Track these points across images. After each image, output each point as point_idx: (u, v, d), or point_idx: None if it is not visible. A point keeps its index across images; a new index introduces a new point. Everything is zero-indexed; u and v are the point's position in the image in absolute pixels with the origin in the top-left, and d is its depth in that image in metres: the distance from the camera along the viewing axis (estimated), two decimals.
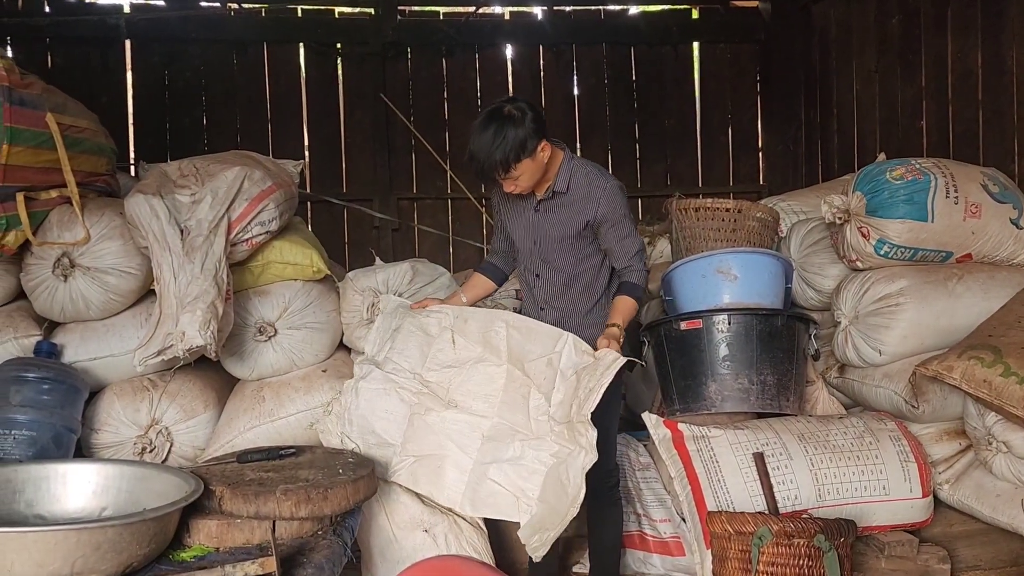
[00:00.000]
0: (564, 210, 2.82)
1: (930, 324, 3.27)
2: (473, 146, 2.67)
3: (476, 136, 2.67)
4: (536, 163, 2.70)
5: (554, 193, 2.82)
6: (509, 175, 2.67)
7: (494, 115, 2.67)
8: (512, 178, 2.69)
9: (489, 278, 3.13)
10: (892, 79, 5.30)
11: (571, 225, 2.82)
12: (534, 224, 2.88)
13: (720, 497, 2.89)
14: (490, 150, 2.62)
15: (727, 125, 6.60)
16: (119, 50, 5.92)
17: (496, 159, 2.63)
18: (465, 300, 3.07)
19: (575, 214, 2.81)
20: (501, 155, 2.62)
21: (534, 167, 2.71)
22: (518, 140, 2.62)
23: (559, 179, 2.80)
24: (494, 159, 2.63)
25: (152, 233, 2.90)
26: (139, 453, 3.02)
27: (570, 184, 2.80)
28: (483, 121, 2.68)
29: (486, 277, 3.13)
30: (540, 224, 2.87)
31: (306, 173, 6.06)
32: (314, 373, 3.23)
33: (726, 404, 3.13)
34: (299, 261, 3.23)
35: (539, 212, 2.87)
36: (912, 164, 3.38)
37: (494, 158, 2.63)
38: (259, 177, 3.12)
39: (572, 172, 2.81)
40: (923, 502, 2.98)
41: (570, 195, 2.81)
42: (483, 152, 2.64)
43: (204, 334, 2.70)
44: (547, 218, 2.85)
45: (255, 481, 2.36)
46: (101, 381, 3.13)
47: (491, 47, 6.34)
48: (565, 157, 2.83)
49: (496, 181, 2.72)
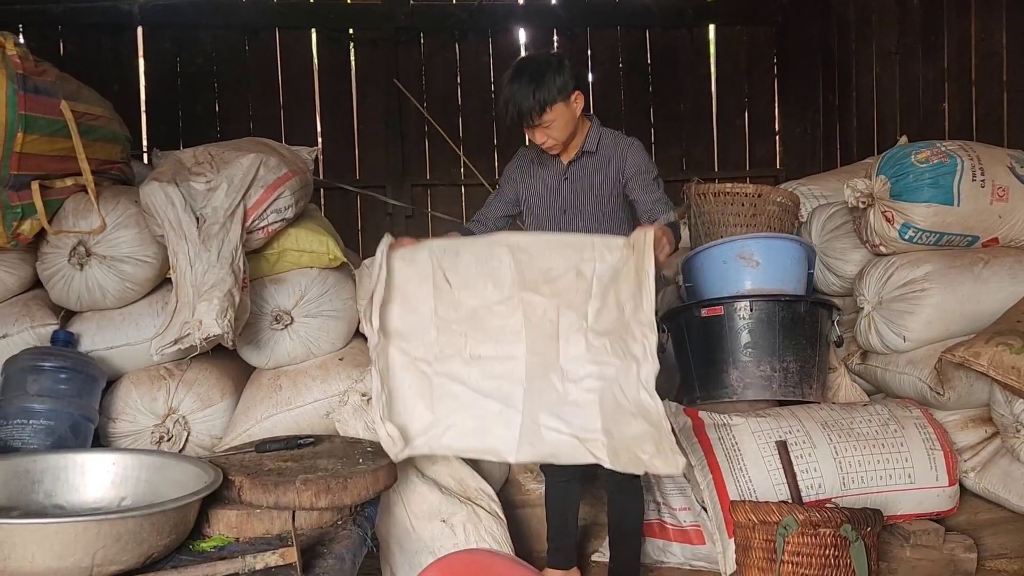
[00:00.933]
0: (596, 170, 2.81)
1: (955, 309, 3.22)
2: (508, 91, 2.64)
3: (509, 83, 2.65)
4: (570, 111, 2.69)
5: (583, 153, 2.81)
6: (543, 120, 2.65)
7: (528, 62, 2.68)
8: (545, 124, 2.66)
9: None
10: (913, 61, 5.21)
11: (605, 184, 2.80)
12: (564, 191, 2.85)
13: (742, 486, 2.86)
14: (527, 91, 2.60)
15: (743, 109, 6.51)
16: (131, 37, 5.90)
17: (533, 100, 2.61)
18: None
19: (607, 171, 2.80)
20: (540, 95, 2.60)
21: (568, 115, 2.69)
22: (555, 82, 2.62)
23: (588, 140, 2.81)
24: (530, 100, 2.60)
25: (168, 221, 2.87)
26: (157, 442, 3.00)
27: (598, 144, 2.81)
28: (516, 69, 2.67)
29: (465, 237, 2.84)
30: (572, 190, 2.84)
31: (319, 160, 6.02)
32: (331, 361, 3.20)
33: (748, 392, 3.09)
34: (315, 249, 3.19)
35: (568, 178, 2.84)
36: (937, 146, 3.31)
37: (530, 99, 2.60)
38: (275, 164, 3.08)
39: (600, 135, 2.83)
40: (949, 490, 2.94)
41: (599, 155, 2.81)
42: (519, 94, 2.61)
43: (221, 323, 2.67)
44: (579, 182, 2.83)
45: (274, 471, 2.34)
46: (118, 370, 3.11)
47: (504, 31, 6.27)
48: (593, 124, 2.85)
49: (529, 128, 2.68)
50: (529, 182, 2.93)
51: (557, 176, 2.86)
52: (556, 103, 2.64)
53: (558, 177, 2.86)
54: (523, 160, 2.98)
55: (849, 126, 5.98)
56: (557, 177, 2.86)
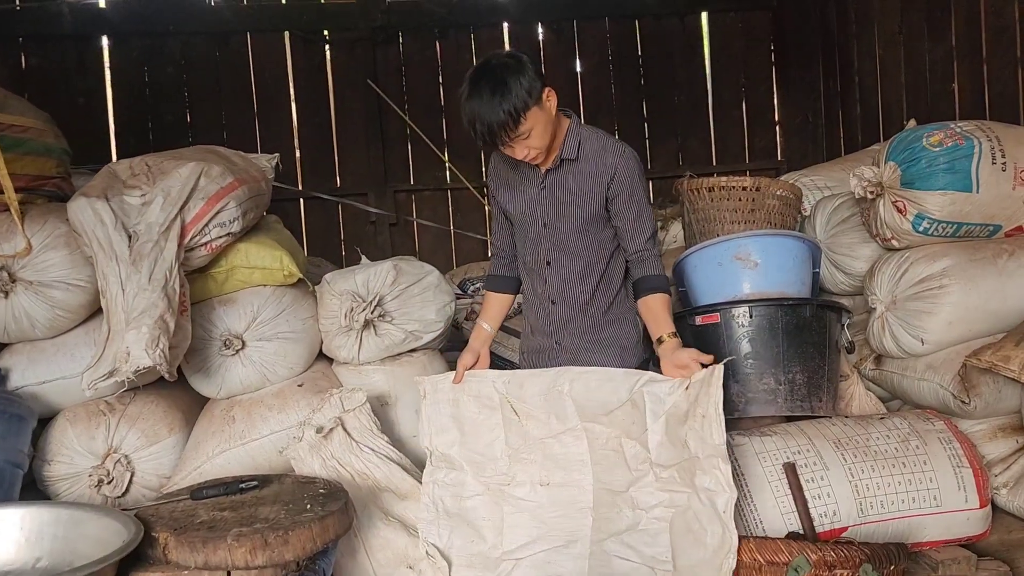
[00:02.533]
0: (577, 180, 2.47)
1: (979, 307, 2.91)
2: (470, 109, 2.30)
3: (471, 98, 2.30)
4: (545, 113, 2.35)
5: (563, 161, 2.47)
6: (519, 131, 2.30)
7: (485, 70, 2.32)
8: (522, 135, 2.32)
9: (503, 292, 2.76)
10: (919, 40, 4.91)
11: (587, 197, 2.47)
12: (542, 202, 2.52)
13: (747, 515, 2.55)
14: (493, 105, 2.26)
15: (740, 98, 6.25)
16: (96, 47, 5.66)
17: (503, 113, 2.26)
18: (490, 329, 2.72)
19: (590, 183, 2.46)
20: (508, 106, 2.26)
21: (544, 118, 2.35)
22: (522, 87, 2.28)
23: (567, 145, 2.46)
24: (499, 115, 2.27)
25: (96, 240, 2.59)
26: (96, 485, 2.72)
27: (580, 149, 2.46)
28: (474, 80, 2.32)
29: (499, 293, 2.76)
30: (550, 201, 2.51)
31: (297, 168, 5.81)
32: (289, 388, 2.91)
33: (750, 408, 2.78)
34: (267, 265, 2.91)
35: (546, 187, 2.51)
36: (952, 128, 3.01)
37: (499, 114, 2.26)
38: (217, 173, 2.80)
39: (581, 137, 2.47)
40: (980, 513, 2.62)
41: (581, 162, 2.46)
42: (485, 110, 2.27)
43: (152, 353, 2.39)
44: (558, 193, 2.50)
45: (206, 524, 2.05)
46: (53, 407, 2.83)
47: (487, 26, 6.01)
48: (572, 123, 2.49)
49: (505, 144, 2.34)
50: (508, 195, 2.63)
51: (534, 185, 2.54)
52: (529, 108, 2.30)
53: (535, 186, 2.54)
54: (497, 169, 2.66)
55: (852, 112, 5.70)
56: (534, 186, 2.54)
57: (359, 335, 2.94)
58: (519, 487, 2.56)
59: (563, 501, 2.51)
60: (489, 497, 2.58)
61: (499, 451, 2.59)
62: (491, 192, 2.71)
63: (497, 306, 2.76)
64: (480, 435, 2.61)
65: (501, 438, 2.58)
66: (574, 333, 2.59)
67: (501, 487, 2.57)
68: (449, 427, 2.64)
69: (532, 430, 2.57)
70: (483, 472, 2.60)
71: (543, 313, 2.63)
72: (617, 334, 2.60)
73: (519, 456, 2.57)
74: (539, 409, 2.56)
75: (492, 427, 2.60)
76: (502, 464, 2.57)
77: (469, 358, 2.66)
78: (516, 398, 2.58)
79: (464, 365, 2.64)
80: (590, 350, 2.58)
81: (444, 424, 2.64)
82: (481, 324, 2.73)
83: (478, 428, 2.61)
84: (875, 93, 5.39)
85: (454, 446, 2.63)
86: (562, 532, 2.49)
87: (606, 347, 2.57)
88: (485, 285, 2.87)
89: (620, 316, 2.61)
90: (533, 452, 2.56)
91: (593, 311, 2.58)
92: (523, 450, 2.57)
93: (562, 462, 2.53)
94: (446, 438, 2.63)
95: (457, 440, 2.63)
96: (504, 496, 2.56)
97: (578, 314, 2.58)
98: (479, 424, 2.62)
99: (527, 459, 2.56)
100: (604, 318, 2.57)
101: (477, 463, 2.60)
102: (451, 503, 2.59)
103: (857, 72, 5.58)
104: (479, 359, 2.67)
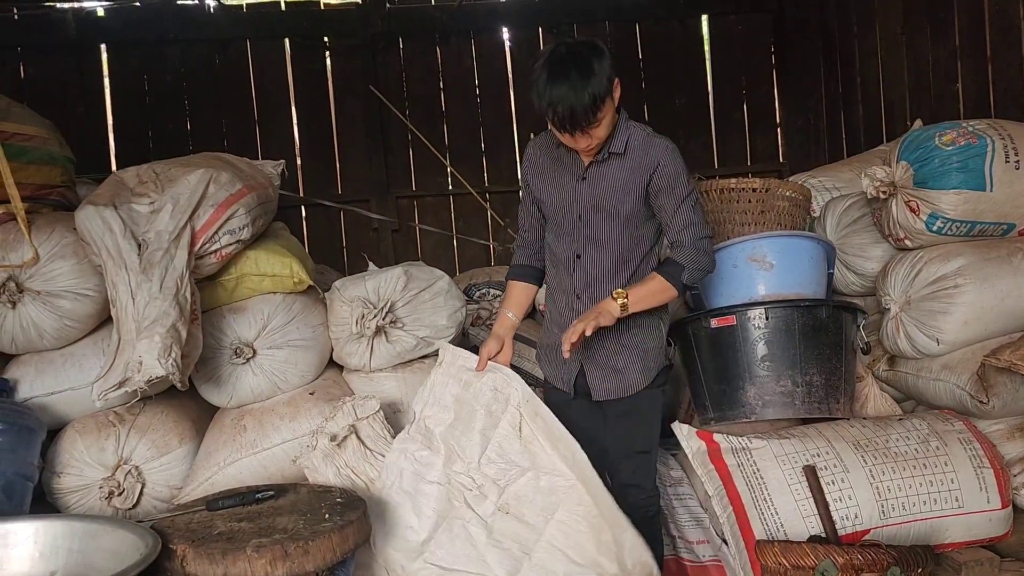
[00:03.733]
0: (620, 174, 2.42)
1: (994, 307, 2.89)
2: (552, 92, 2.22)
3: (554, 81, 2.22)
4: (613, 104, 2.32)
5: (610, 154, 2.42)
6: (597, 118, 2.26)
7: (568, 54, 2.26)
8: (597, 122, 2.27)
9: (527, 281, 2.67)
10: (921, 40, 4.90)
11: (627, 191, 2.41)
12: (581, 194, 2.46)
13: (767, 519, 2.52)
14: (579, 89, 2.20)
15: (742, 101, 6.21)
16: (95, 56, 5.61)
17: (588, 96, 2.20)
18: (514, 317, 2.62)
19: (632, 177, 2.41)
20: (593, 90, 2.20)
21: (611, 109, 2.31)
22: (606, 74, 2.24)
23: (616, 139, 2.40)
24: (584, 99, 2.20)
25: (105, 249, 2.56)
26: (107, 497, 2.68)
27: (628, 144, 2.42)
28: (556, 62, 2.24)
29: (524, 283, 2.67)
30: (589, 193, 2.45)
31: (298, 175, 5.76)
32: (300, 397, 2.87)
33: (767, 410, 2.76)
34: (277, 272, 2.87)
35: (587, 180, 2.45)
36: (964, 127, 3.00)
37: (584, 97, 2.20)
38: (226, 180, 2.77)
39: (630, 133, 2.44)
40: (1002, 513, 2.60)
41: (627, 157, 2.42)
42: (571, 94, 2.20)
43: (165, 362, 2.35)
44: (598, 185, 2.44)
45: (224, 535, 2.02)
46: (62, 418, 2.79)
47: (487, 32, 5.98)
48: (622, 117, 2.43)
49: (581, 130, 2.28)
50: (544, 184, 2.55)
51: (573, 176, 2.48)
52: (610, 96, 2.27)
53: (574, 178, 2.48)
54: (535, 158, 2.59)
55: (855, 114, 5.68)
56: (573, 178, 2.48)
57: (370, 342, 2.91)
58: (481, 502, 2.46)
59: (510, 536, 2.43)
60: (446, 492, 2.48)
61: (477, 455, 2.48)
62: (525, 181, 2.63)
63: (521, 294, 2.66)
64: (472, 430, 2.51)
65: (491, 445, 2.49)
66: (599, 335, 2.44)
67: (464, 489, 2.47)
68: (448, 406, 2.54)
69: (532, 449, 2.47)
70: (452, 465, 2.50)
71: (566, 308, 2.54)
72: (642, 339, 2.50)
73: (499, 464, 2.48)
74: (546, 441, 2.47)
75: (487, 428, 2.50)
76: (474, 469, 2.48)
77: (493, 345, 2.57)
78: (529, 418, 2.49)
79: (488, 352, 2.56)
80: (613, 352, 2.49)
81: (445, 401, 2.55)
82: (505, 312, 2.63)
83: (473, 421, 2.51)
84: (877, 94, 5.37)
85: (441, 426, 2.54)
86: (498, 567, 2.41)
87: (629, 350, 2.49)
88: (509, 274, 2.74)
89: (645, 321, 2.50)
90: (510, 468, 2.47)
91: None
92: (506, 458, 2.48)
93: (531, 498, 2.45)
94: (439, 415, 2.54)
95: (447, 421, 2.54)
96: (461, 499, 2.46)
97: None
98: (476, 418, 2.51)
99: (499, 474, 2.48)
100: (629, 320, 2.44)
101: (453, 453, 2.50)
102: (409, 481, 2.50)
103: (859, 73, 5.56)
104: (503, 347, 2.59)
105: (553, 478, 2.44)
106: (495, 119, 5.95)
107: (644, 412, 2.51)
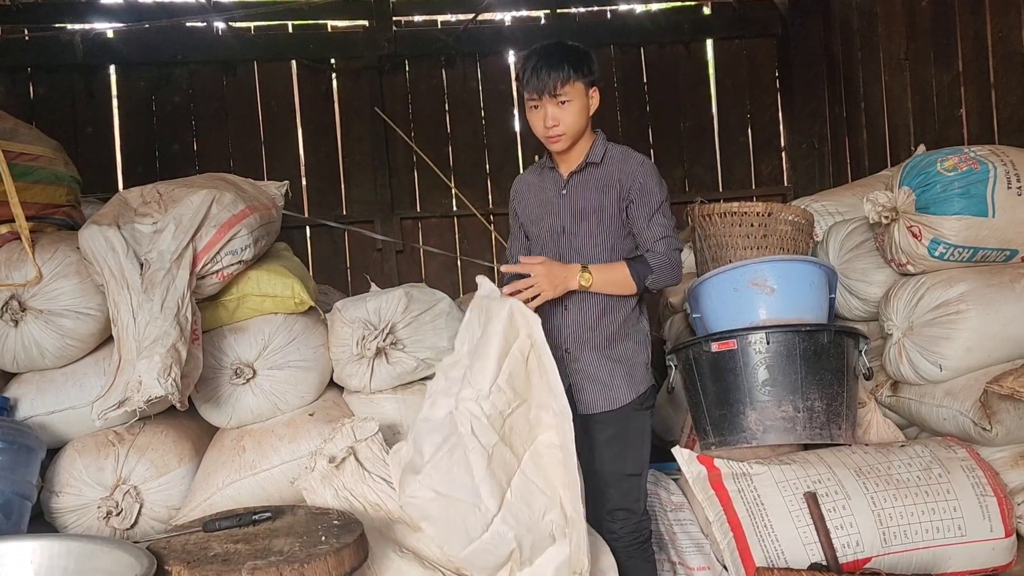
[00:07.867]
0: (598, 186, 2.54)
1: (997, 333, 2.88)
2: (538, 54, 2.48)
3: (542, 49, 2.49)
4: (586, 102, 2.49)
5: (587, 164, 2.55)
6: (563, 90, 2.43)
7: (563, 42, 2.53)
8: (561, 97, 2.44)
9: None
10: (925, 66, 4.91)
11: (607, 198, 2.52)
12: (562, 206, 2.56)
13: (768, 546, 2.50)
14: (559, 57, 2.45)
15: (746, 125, 6.23)
16: (104, 77, 5.67)
17: (565, 65, 2.43)
18: None
19: (610, 185, 2.52)
20: (570, 64, 2.43)
21: (583, 104, 2.48)
22: (586, 62, 2.48)
23: (594, 150, 2.56)
24: (562, 67, 2.43)
25: (108, 268, 2.57)
26: (104, 517, 2.67)
27: (605, 155, 2.56)
28: (551, 43, 2.51)
29: None
30: (570, 205, 2.55)
31: (303, 196, 5.80)
32: (300, 418, 2.87)
33: (768, 435, 2.74)
34: (279, 292, 2.88)
35: (567, 191, 2.56)
36: (966, 152, 3.00)
37: (562, 66, 2.43)
38: (229, 201, 2.78)
39: (608, 147, 2.58)
40: (1005, 543, 2.57)
41: (604, 167, 2.55)
42: (551, 59, 2.45)
43: (164, 382, 2.36)
44: (578, 192, 2.55)
45: (219, 556, 2.01)
46: (61, 437, 2.79)
47: (493, 54, 6.03)
48: (600, 136, 2.60)
49: (545, 95, 2.44)
50: (527, 204, 2.66)
51: (555, 190, 2.58)
52: (579, 81, 2.46)
53: (556, 191, 2.58)
54: (519, 187, 2.72)
55: (859, 138, 5.69)
56: (555, 191, 2.58)
57: (371, 363, 2.91)
58: (487, 432, 2.34)
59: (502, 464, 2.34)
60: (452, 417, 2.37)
61: (489, 383, 2.37)
62: (513, 211, 2.73)
63: None
64: (487, 356, 2.39)
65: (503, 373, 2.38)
66: (587, 346, 2.51)
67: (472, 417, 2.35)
68: (475, 330, 2.47)
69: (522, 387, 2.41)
70: (463, 391, 2.39)
71: (554, 320, 2.55)
72: (630, 352, 2.54)
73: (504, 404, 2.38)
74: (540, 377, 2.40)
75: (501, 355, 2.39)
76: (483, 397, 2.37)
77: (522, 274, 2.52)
78: (537, 351, 2.40)
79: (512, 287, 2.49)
80: (600, 364, 2.52)
81: (473, 328, 2.48)
82: None
83: (489, 347, 2.39)
84: (881, 119, 5.38)
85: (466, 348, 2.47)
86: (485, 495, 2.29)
87: (615, 363, 2.51)
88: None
89: (633, 334, 2.56)
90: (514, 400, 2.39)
91: (607, 322, 2.54)
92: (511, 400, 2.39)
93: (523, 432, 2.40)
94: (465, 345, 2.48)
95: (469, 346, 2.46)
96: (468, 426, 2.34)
97: (590, 324, 2.53)
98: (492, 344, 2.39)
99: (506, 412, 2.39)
100: (618, 332, 2.52)
101: (465, 379, 2.41)
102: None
103: (863, 98, 5.57)
104: None
105: (540, 411, 2.43)
106: (500, 141, 5.98)
107: (634, 434, 2.51)
